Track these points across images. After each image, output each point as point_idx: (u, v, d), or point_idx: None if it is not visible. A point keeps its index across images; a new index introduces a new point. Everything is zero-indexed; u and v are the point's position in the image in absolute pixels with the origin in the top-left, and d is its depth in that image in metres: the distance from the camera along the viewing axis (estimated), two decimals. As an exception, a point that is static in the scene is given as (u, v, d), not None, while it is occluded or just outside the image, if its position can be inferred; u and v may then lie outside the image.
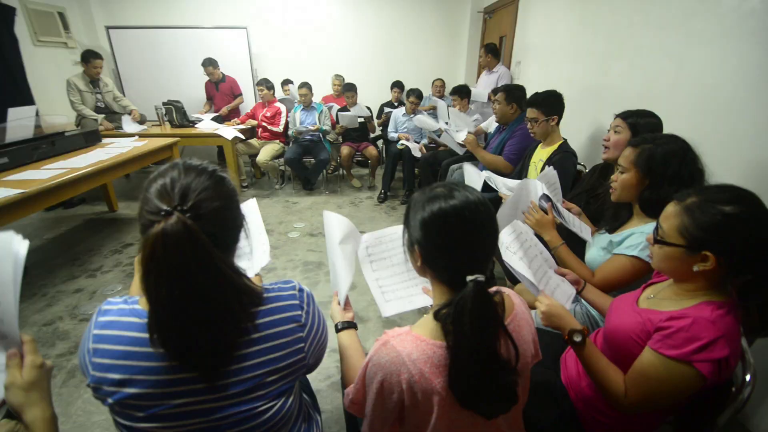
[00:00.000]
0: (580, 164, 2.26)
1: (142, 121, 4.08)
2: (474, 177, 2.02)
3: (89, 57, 3.68)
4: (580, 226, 1.38)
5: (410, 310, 1.09)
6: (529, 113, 2.03)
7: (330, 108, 4.40)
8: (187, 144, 3.79)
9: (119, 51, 4.70)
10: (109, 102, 3.91)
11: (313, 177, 4.20)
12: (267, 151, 4.00)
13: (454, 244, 0.65)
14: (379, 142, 4.83)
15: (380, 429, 0.71)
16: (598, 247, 1.27)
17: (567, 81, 2.83)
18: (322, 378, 1.72)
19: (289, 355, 0.69)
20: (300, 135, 3.96)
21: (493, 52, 3.75)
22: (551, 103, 1.99)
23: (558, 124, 2.01)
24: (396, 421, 0.71)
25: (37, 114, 2.84)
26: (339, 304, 1.00)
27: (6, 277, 0.63)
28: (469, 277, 0.62)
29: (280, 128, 4.12)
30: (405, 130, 4.05)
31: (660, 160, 1.09)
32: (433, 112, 4.18)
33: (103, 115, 3.82)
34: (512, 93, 2.48)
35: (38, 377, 0.65)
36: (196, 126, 3.99)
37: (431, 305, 1.11)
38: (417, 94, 3.94)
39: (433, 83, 4.55)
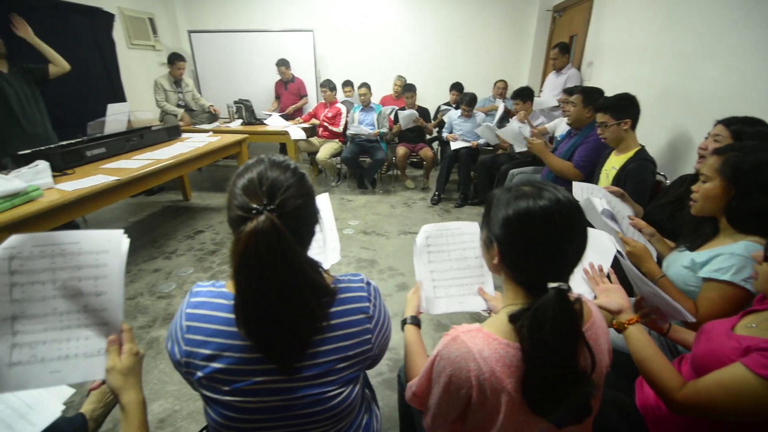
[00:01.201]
0: (659, 174, 2.09)
1: (215, 118, 4.41)
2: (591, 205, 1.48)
3: (174, 59, 4.04)
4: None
5: (459, 311, 1.08)
6: (599, 117, 1.91)
7: (390, 112, 4.46)
8: (254, 140, 4.02)
9: (198, 53, 5.11)
10: (188, 101, 4.28)
11: (369, 176, 4.27)
12: (326, 150, 4.14)
13: (539, 248, 0.63)
14: (434, 144, 4.80)
15: (442, 424, 0.72)
16: (678, 266, 1.16)
17: (646, 83, 2.62)
18: (373, 375, 1.75)
19: (357, 344, 0.72)
20: (357, 136, 4.05)
21: (567, 51, 3.57)
22: (623, 106, 1.85)
23: (633, 128, 1.87)
24: (458, 419, 0.71)
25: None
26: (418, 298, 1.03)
27: (113, 270, 0.71)
28: (552, 285, 0.60)
29: (340, 128, 4.25)
30: (460, 132, 3.99)
31: (749, 168, 0.98)
32: (493, 113, 4.09)
33: (182, 110, 4.17)
34: (590, 95, 2.33)
35: (134, 363, 0.73)
36: (264, 123, 4.22)
37: (484, 310, 1.10)
38: (468, 99, 3.86)
39: (494, 84, 4.44)
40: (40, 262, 0.68)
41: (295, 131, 3.94)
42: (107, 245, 0.71)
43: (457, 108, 4.32)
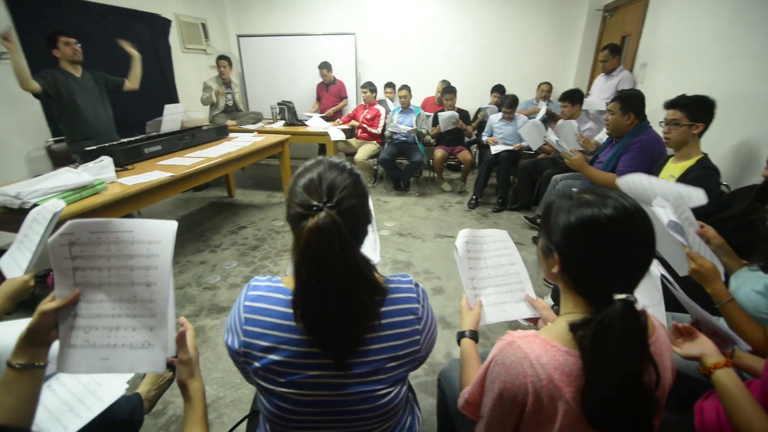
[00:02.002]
0: (722, 184, 1.94)
1: (258, 119, 4.59)
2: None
3: (219, 59, 4.27)
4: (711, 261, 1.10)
5: (504, 321, 1.05)
6: (671, 114, 1.77)
7: (429, 117, 4.45)
8: (295, 141, 4.13)
9: (246, 56, 5.33)
10: (237, 101, 4.48)
11: (405, 178, 4.28)
12: (364, 151, 4.19)
13: (604, 258, 0.61)
14: (473, 147, 4.73)
15: None
16: (749, 289, 1.06)
17: (706, 86, 2.44)
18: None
19: (407, 345, 0.73)
20: (396, 134, 4.07)
21: (617, 53, 3.40)
22: (702, 108, 1.71)
23: (701, 135, 1.75)
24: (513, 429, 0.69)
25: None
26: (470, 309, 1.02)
27: (164, 261, 0.69)
28: (618, 296, 0.58)
29: (378, 130, 4.28)
30: (501, 135, 3.91)
31: None
32: (534, 116, 3.97)
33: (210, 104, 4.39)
34: (629, 101, 2.18)
35: (195, 356, 0.77)
36: (305, 124, 4.33)
37: (527, 319, 1.07)
38: (509, 102, 3.77)
39: (538, 87, 4.31)
40: (97, 249, 0.69)
41: (335, 132, 4.02)
42: (159, 235, 0.69)
43: (497, 110, 4.24)
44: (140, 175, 2.27)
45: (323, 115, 4.66)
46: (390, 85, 5.02)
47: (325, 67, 4.66)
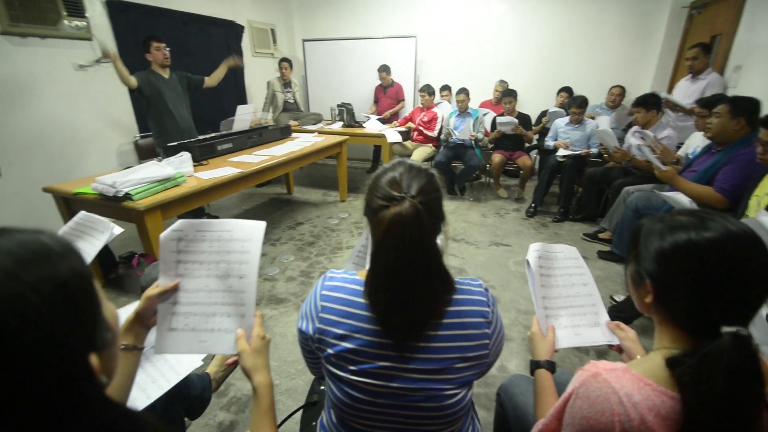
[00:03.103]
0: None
1: (319, 119, 4.75)
2: None
3: (281, 61, 4.51)
4: None
5: (580, 346, 0.98)
6: (765, 135, 1.59)
7: (485, 114, 4.34)
8: (352, 142, 4.22)
9: (309, 60, 5.56)
10: (297, 100, 4.69)
11: (460, 182, 4.21)
12: (419, 153, 4.18)
13: (708, 288, 0.55)
14: (533, 153, 4.54)
15: None
16: None
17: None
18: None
19: (476, 347, 0.73)
20: (451, 138, 4.01)
21: (708, 52, 3.08)
22: None
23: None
24: None
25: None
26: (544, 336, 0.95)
27: (254, 258, 0.78)
28: (727, 329, 0.52)
29: (435, 133, 4.26)
30: (567, 140, 3.70)
31: None
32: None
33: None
34: (741, 105, 1.94)
35: (262, 347, 0.79)
36: (363, 126, 4.42)
37: (608, 342, 0.98)
38: (579, 102, 3.55)
39: (609, 90, 4.04)
40: (200, 245, 0.79)
41: (392, 134, 4.05)
42: (251, 234, 0.79)
43: (564, 114, 4.03)
44: (214, 170, 2.45)
45: (380, 117, 4.72)
46: (446, 87, 4.97)
47: (384, 70, 4.73)
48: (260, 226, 0.80)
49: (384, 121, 4.70)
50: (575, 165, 3.48)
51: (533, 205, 3.68)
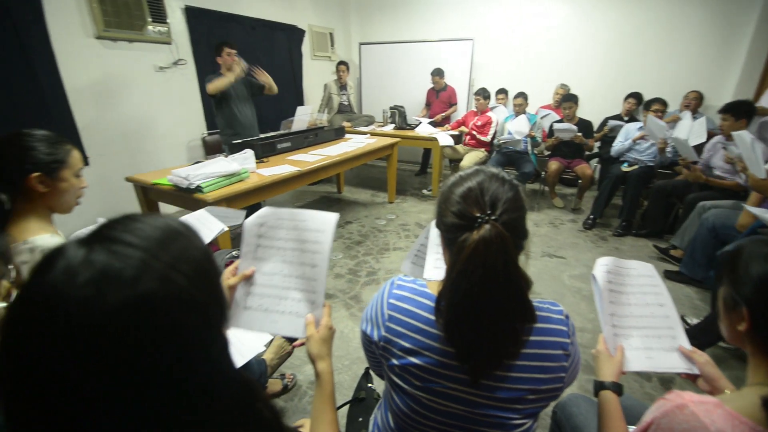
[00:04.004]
0: None
1: (371, 121, 4.83)
2: None
3: (338, 65, 4.62)
4: None
5: (653, 371, 0.90)
6: None
7: (544, 117, 4.17)
8: (403, 144, 4.24)
9: (365, 63, 5.66)
10: (351, 102, 4.80)
11: (512, 189, 4.07)
12: (471, 158, 4.11)
13: None
14: (593, 161, 4.29)
15: None
16: None
17: None
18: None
19: (551, 380, 0.68)
20: (505, 143, 3.89)
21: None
22: None
23: None
24: None
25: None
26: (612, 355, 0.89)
27: (326, 248, 0.81)
28: None
29: (488, 137, 4.16)
30: (638, 148, 3.43)
31: None
32: (673, 124, 3.42)
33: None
34: None
35: (329, 337, 0.81)
36: (414, 129, 4.42)
37: (686, 371, 0.90)
38: (662, 101, 3.30)
39: (685, 96, 3.72)
40: (279, 232, 0.84)
41: (444, 138, 4.02)
42: (324, 226, 0.82)
43: (630, 120, 3.78)
44: (273, 168, 2.57)
45: (432, 120, 4.70)
46: (502, 91, 4.84)
47: (437, 74, 4.70)
48: (333, 217, 0.83)
49: (435, 124, 4.67)
50: (642, 176, 3.24)
51: (592, 216, 3.48)
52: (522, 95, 3.89)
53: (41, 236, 0.97)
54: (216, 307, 0.41)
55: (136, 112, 3.30)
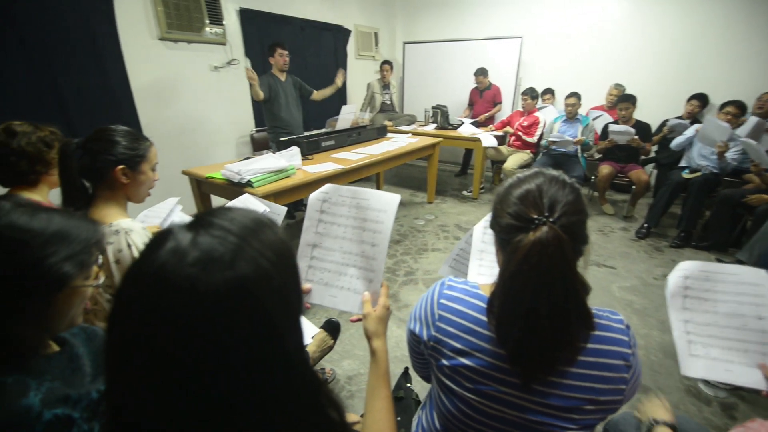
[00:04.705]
0: None
1: (412, 121, 4.81)
2: None
3: (383, 64, 4.63)
4: None
5: (731, 382, 0.84)
6: None
7: (596, 118, 3.96)
8: (445, 144, 4.18)
9: (408, 62, 5.66)
10: (394, 101, 4.81)
11: (558, 194, 3.90)
12: (515, 160, 3.99)
13: None
14: (649, 167, 4.03)
15: None
16: None
17: None
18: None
19: (610, 391, 0.65)
20: (555, 144, 3.73)
21: None
22: None
23: None
24: None
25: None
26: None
27: (386, 228, 0.82)
28: None
29: (534, 139, 4.02)
30: (704, 153, 3.17)
31: None
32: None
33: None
34: None
35: (386, 316, 0.83)
36: (456, 129, 4.35)
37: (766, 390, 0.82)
38: (738, 104, 3.03)
39: (758, 98, 3.40)
40: (341, 209, 0.86)
41: (487, 138, 3.93)
42: (386, 206, 0.83)
43: (693, 123, 3.51)
44: (318, 165, 2.62)
45: (475, 120, 4.61)
46: (549, 91, 4.66)
47: (481, 73, 4.59)
48: (395, 199, 0.84)
49: (478, 124, 4.58)
50: (706, 183, 3.00)
51: (646, 225, 3.26)
52: (575, 95, 3.72)
53: (123, 220, 1.05)
54: (294, 294, 0.43)
55: (191, 109, 3.49)
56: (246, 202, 1.33)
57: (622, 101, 3.51)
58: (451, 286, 0.76)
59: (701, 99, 3.72)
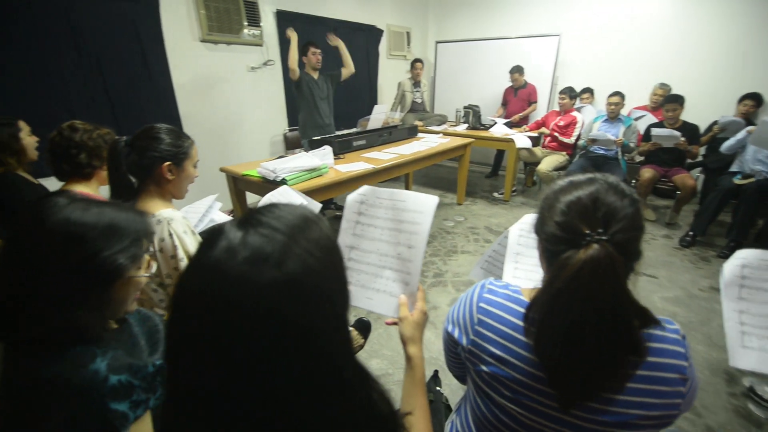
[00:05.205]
0: None
1: (443, 121, 4.76)
2: None
3: (414, 62, 4.59)
4: None
5: None
6: None
7: (639, 118, 3.78)
8: (476, 145, 4.11)
9: (440, 61, 5.61)
10: (425, 100, 4.78)
11: (595, 197, 3.75)
12: (550, 161, 3.86)
13: None
14: (695, 171, 3.79)
15: None
16: None
17: None
18: None
19: (665, 406, 0.61)
20: (594, 143, 3.58)
21: None
22: None
23: None
24: None
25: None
26: None
27: (424, 230, 0.80)
28: None
29: (572, 139, 3.87)
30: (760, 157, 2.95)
31: None
32: None
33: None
34: None
35: (423, 321, 0.81)
36: (488, 129, 4.27)
37: None
38: None
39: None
40: (378, 211, 0.85)
41: (521, 139, 3.83)
42: (423, 207, 0.81)
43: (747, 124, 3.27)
44: (349, 164, 2.64)
45: (508, 120, 4.50)
46: (588, 90, 4.48)
47: (517, 71, 4.48)
48: (433, 200, 0.82)
49: (512, 124, 4.47)
50: (761, 190, 2.79)
51: (692, 233, 3.08)
52: (619, 94, 3.55)
53: (165, 210, 1.10)
54: (341, 290, 0.44)
55: (227, 108, 3.61)
56: (284, 193, 1.35)
57: (669, 102, 3.32)
58: (491, 290, 0.73)
59: (755, 99, 3.46)
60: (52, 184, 1.88)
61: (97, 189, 1.49)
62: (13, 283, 0.60)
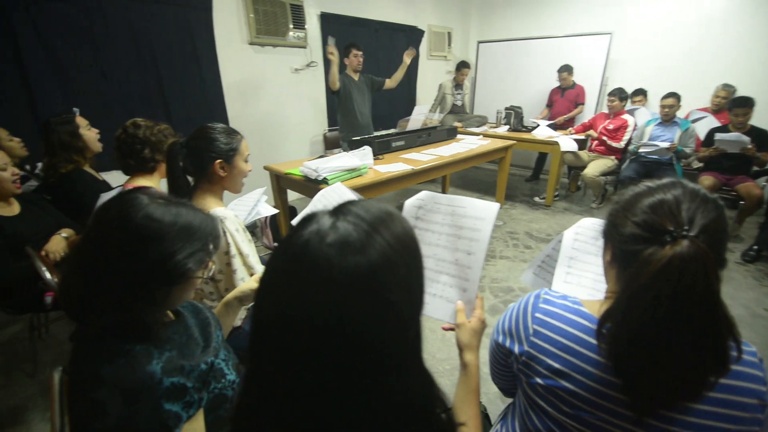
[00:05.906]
0: None
1: (483, 122, 4.66)
2: None
3: (461, 66, 4.50)
4: None
5: None
6: None
7: (697, 120, 3.52)
8: (518, 147, 3.98)
9: (481, 62, 5.50)
10: (465, 103, 4.69)
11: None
12: (597, 166, 3.68)
13: None
14: (761, 179, 3.47)
15: None
16: None
17: None
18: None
19: None
20: (640, 149, 3.37)
21: None
22: None
23: None
24: None
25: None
26: None
27: (484, 236, 0.79)
28: None
29: (622, 144, 3.67)
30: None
31: None
32: None
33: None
34: None
35: (481, 329, 0.80)
36: (531, 131, 4.12)
37: None
38: None
39: None
40: (437, 216, 0.85)
41: (566, 142, 3.68)
42: (484, 214, 0.80)
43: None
44: (389, 165, 2.64)
45: (552, 122, 4.33)
46: (641, 92, 4.23)
47: (566, 70, 4.31)
48: (494, 207, 0.81)
49: (556, 126, 4.29)
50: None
51: (756, 247, 2.83)
52: (674, 95, 3.33)
53: (219, 208, 1.15)
54: (418, 286, 0.46)
55: (271, 108, 3.72)
56: (337, 190, 1.38)
57: (739, 106, 3.03)
58: (548, 300, 0.70)
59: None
60: (113, 178, 2.02)
61: (159, 183, 1.57)
62: (88, 274, 0.64)
